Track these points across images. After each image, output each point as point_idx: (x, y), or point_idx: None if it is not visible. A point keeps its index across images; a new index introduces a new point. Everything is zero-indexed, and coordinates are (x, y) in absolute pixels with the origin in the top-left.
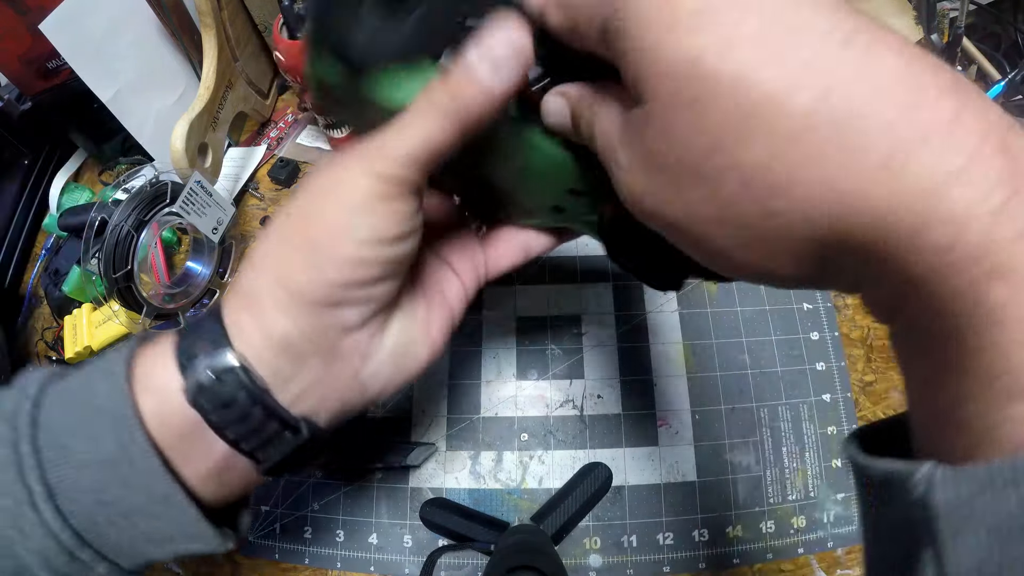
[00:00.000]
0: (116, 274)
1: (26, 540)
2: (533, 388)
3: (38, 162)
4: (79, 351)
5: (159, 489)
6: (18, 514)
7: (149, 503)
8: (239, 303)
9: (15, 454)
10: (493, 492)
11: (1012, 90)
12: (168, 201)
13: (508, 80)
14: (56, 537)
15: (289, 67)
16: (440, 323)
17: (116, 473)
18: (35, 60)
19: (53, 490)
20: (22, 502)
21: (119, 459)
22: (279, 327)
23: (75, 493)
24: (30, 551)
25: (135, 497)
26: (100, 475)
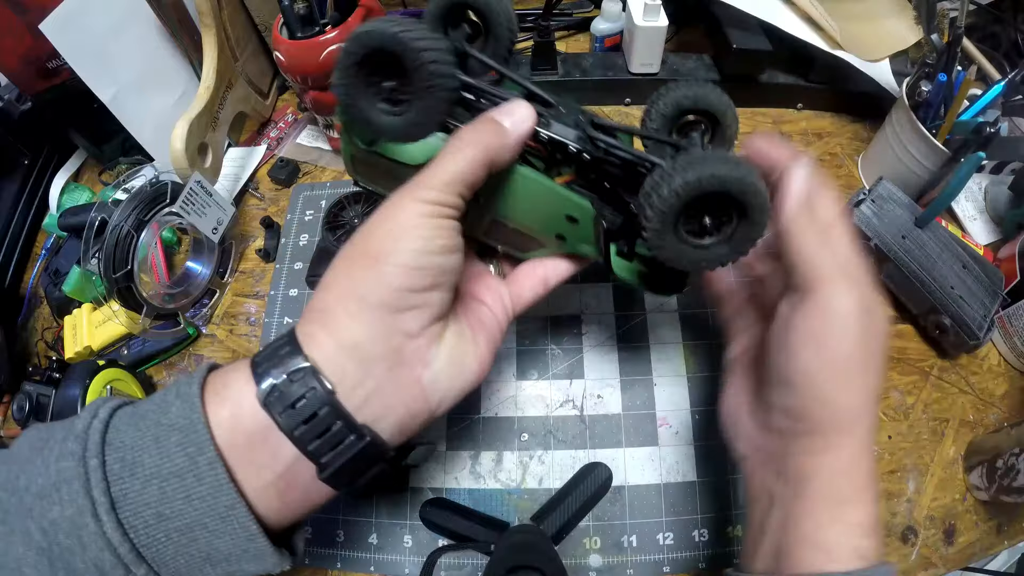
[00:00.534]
0: (116, 274)
1: (85, 551)
2: (533, 388)
3: (38, 162)
4: (79, 351)
5: (222, 501)
6: (80, 524)
7: (210, 517)
8: (312, 318)
9: (83, 467)
10: (493, 492)
11: (1012, 90)
12: (168, 201)
13: (522, 130)
14: (115, 550)
15: (289, 67)
16: (485, 341)
17: (181, 485)
18: (35, 60)
19: (116, 502)
20: (85, 512)
21: (186, 471)
22: (349, 333)
23: (138, 506)
24: (87, 563)
25: (197, 511)
26: (165, 488)
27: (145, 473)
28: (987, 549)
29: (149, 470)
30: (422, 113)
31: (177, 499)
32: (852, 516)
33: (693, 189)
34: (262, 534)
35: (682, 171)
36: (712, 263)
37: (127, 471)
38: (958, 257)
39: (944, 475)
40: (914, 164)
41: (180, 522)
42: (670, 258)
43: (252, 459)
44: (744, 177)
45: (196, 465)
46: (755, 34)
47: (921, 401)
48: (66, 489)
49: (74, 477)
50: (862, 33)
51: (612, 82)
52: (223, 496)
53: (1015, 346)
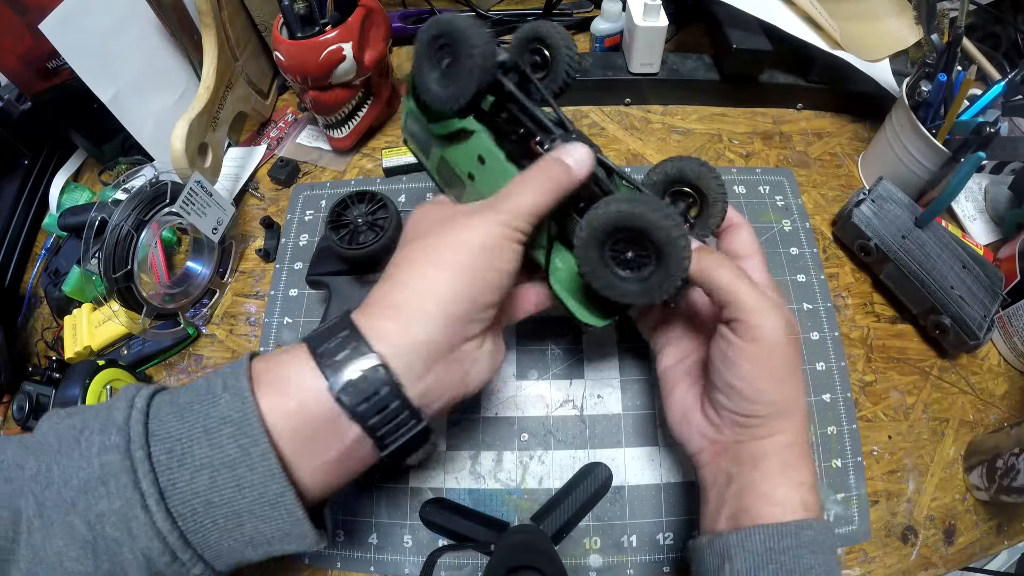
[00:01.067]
0: (116, 274)
1: (133, 541)
2: (533, 388)
3: (38, 162)
4: (79, 351)
5: (273, 489)
6: (130, 516)
7: (259, 504)
8: (382, 313)
9: (129, 460)
10: (493, 492)
11: (1012, 90)
12: (168, 201)
13: (585, 171)
14: (164, 538)
15: (289, 67)
16: (502, 335)
17: (232, 475)
18: (35, 60)
19: (165, 492)
20: (134, 504)
21: (238, 462)
22: (425, 333)
23: (187, 495)
24: (135, 552)
25: (247, 499)
26: (216, 477)
27: (195, 464)
28: (987, 549)
29: (199, 460)
30: (458, 89)
31: (228, 488)
32: (797, 477)
33: (616, 216)
34: (307, 519)
35: (617, 201)
36: (624, 295)
37: (175, 462)
38: (958, 257)
39: (944, 475)
40: (914, 164)
41: (229, 509)
42: (588, 273)
43: (315, 443)
44: (660, 222)
45: (249, 456)
46: (755, 34)
47: (921, 401)
48: (113, 483)
49: (121, 471)
50: (862, 33)
51: (612, 82)
52: (274, 485)
53: (1015, 346)
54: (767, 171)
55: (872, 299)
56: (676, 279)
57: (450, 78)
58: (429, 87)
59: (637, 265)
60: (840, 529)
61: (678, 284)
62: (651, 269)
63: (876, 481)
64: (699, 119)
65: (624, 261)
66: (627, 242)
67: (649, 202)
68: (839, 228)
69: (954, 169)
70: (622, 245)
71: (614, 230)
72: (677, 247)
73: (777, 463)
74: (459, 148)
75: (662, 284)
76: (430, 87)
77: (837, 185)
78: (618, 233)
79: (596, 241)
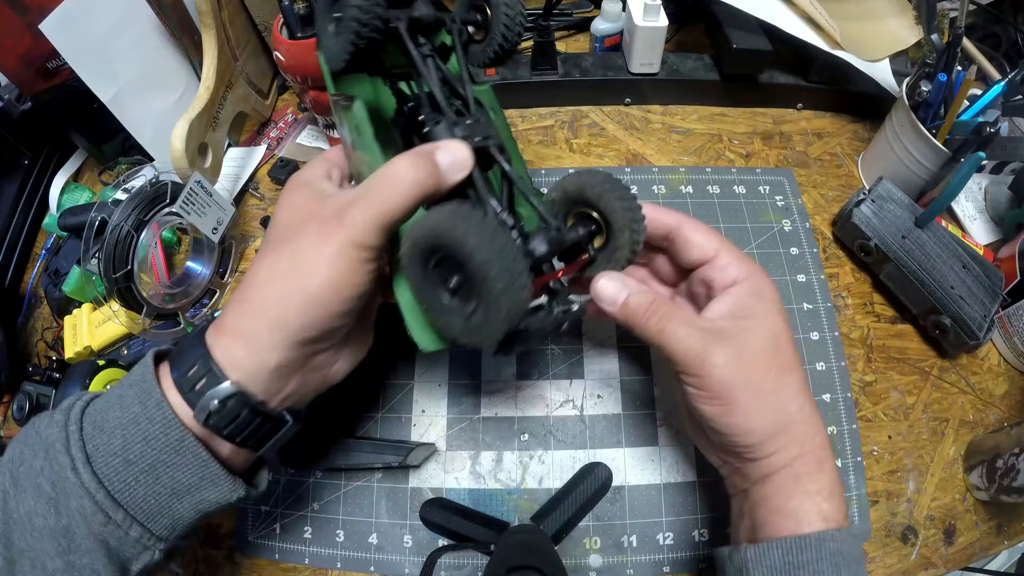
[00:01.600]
0: (116, 274)
1: (69, 500)
2: (533, 388)
3: (38, 162)
4: (79, 351)
5: (173, 435)
6: (63, 477)
7: (167, 453)
8: (234, 341)
9: (64, 432)
10: (493, 492)
11: (1012, 90)
12: (168, 201)
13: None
14: (93, 497)
15: (289, 67)
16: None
17: (138, 430)
18: (35, 60)
19: (91, 457)
20: (66, 467)
21: (141, 416)
22: (275, 358)
23: (108, 456)
24: (72, 511)
25: (154, 450)
26: (127, 435)
27: (111, 427)
28: (987, 549)
29: (114, 424)
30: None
31: (137, 443)
32: (813, 486)
33: (432, 232)
34: (213, 459)
35: (441, 212)
36: (447, 328)
37: (97, 429)
38: (958, 257)
39: (944, 475)
40: (914, 164)
41: (144, 463)
42: (414, 289)
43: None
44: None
45: (147, 408)
46: (755, 34)
47: (921, 401)
48: (52, 451)
49: (57, 440)
50: (862, 33)
51: (612, 82)
52: (173, 431)
53: (1015, 346)
54: (767, 171)
55: (872, 299)
56: (498, 327)
57: (339, 28)
58: (323, 37)
59: (464, 296)
60: None
61: (501, 333)
62: (474, 305)
63: (876, 481)
64: (699, 119)
65: (450, 286)
66: (452, 266)
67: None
68: (839, 228)
69: (954, 169)
70: (446, 267)
71: (433, 248)
72: (491, 285)
73: (786, 476)
74: (347, 113)
75: (482, 329)
76: (323, 36)
77: (837, 185)
78: (439, 253)
79: (419, 256)
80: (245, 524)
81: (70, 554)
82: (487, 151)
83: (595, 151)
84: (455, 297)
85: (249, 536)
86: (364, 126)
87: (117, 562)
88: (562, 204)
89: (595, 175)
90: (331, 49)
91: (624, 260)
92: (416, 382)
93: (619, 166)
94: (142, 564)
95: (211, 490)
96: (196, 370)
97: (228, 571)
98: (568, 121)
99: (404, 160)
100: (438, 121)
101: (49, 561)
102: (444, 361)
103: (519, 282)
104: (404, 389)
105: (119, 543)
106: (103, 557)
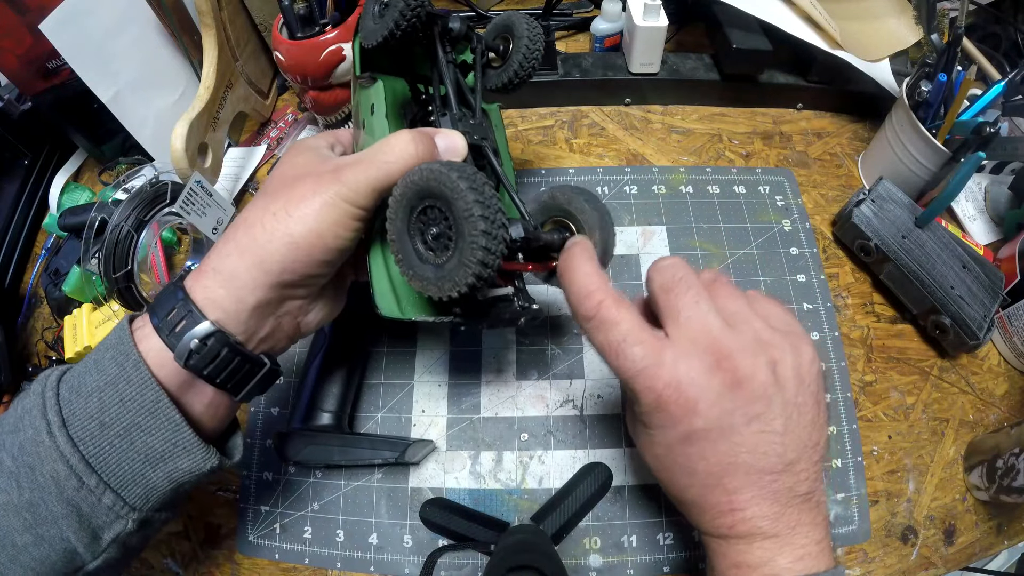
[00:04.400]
0: (116, 274)
1: (42, 465)
2: (533, 388)
3: (38, 162)
4: (79, 351)
5: (149, 396)
6: (37, 442)
7: (142, 416)
8: (216, 279)
9: (40, 398)
10: (493, 492)
11: (1012, 90)
12: (168, 201)
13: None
14: (67, 461)
15: (289, 67)
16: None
17: (115, 392)
18: (35, 60)
19: (67, 421)
20: (41, 431)
21: (118, 378)
22: (255, 298)
23: (84, 420)
24: (45, 476)
25: (130, 412)
26: (103, 398)
27: (87, 391)
28: (987, 549)
29: (91, 387)
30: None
31: (113, 405)
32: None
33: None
34: (186, 424)
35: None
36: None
37: (74, 394)
38: (958, 257)
39: (944, 475)
40: (914, 164)
41: (119, 427)
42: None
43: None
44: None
45: (124, 370)
46: (755, 34)
47: (921, 401)
48: (27, 418)
49: (33, 407)
50: (862, 33)
51: (612, 82)
52: (149, 391)
53: (1015, 346)
54: (767, 171)
55: (872, 299)
56: (468, 271)
57: (384, 11)
58: (364, 18)
59: (440, 247)
60: (840, 529)
61: (471, 281)
62: (448, 254)
63: (876, 481)
64: (699, 119)
65: (429, 237)
66: (436, 216)
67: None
68: (839, 228)
69: (954, 169)
70: (430, 215)
71: (424, 194)
72: (472, 224)
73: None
74: (365, 91)
75: (454, 276)
76: (365, 18)
77: (837, 185)
78: (427, 200)
79: (407, 202)
80: (245, 524)
81: (37, 527)
82: (482, 149)
83: (595, 151)
84: (432, 248)
85: (249, 536)
86: (380, 104)
87: (88, 529)
88: (540, 213)
89: (576, 189)
90: (370, 28)
91: None
92: (416, 382)
93: (619, 166)
94: (114, 533)
95: (184, 458)
96: (175, 313)
97: (228, 571)
98: (568, 121)
99: (406, 133)
100: (444, 114)
101: (18, 537)
102: (444, 361)
103: (498, 230)
104: (404, 389)
105: (91, 509)
106: (74, 523)
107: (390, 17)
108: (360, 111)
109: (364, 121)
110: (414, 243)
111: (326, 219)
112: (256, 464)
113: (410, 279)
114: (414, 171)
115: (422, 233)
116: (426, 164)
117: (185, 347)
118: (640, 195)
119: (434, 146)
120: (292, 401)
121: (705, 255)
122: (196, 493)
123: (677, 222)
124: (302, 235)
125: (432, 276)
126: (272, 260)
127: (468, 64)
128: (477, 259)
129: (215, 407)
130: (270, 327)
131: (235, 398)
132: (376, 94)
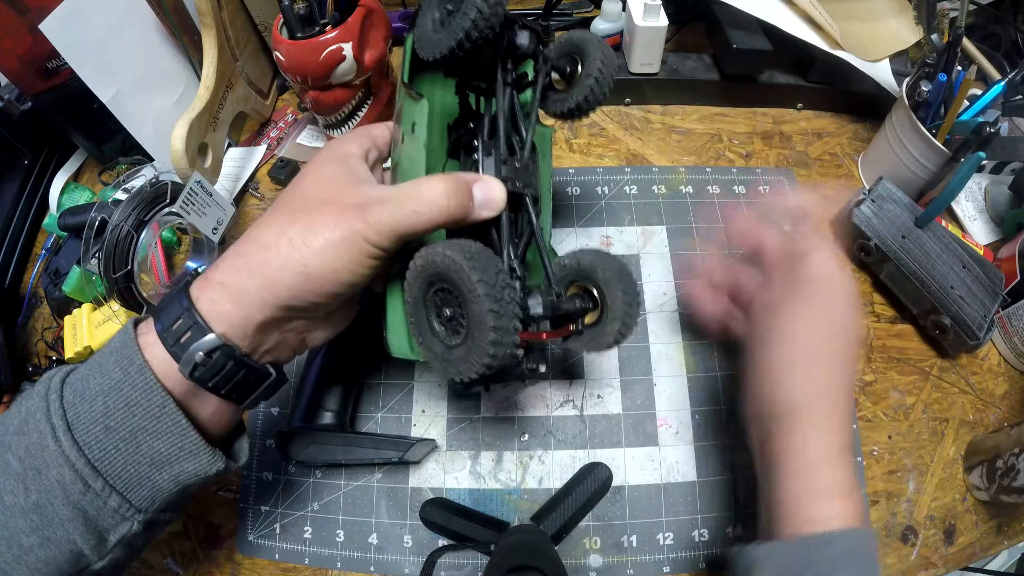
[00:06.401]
0: (116, 274)
1: (48, 469)
2: (533, 388)
3: (38, 162)
4: (79, 351)
5: (155, 401)
6: (43, 446)
7: (148, 419)
8: (224, 293)
9: (45, 401)
10: (493, 492)
11: (1012, 90)
12: (168, 201)
13: (486, 215)
14: (72, 465)
15: (289, 67)
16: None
17: (120, 396)
18: (35, 60)
19: (72, 425)
20: (46, 435)
21: (123, 382)
22: (261, 316)
23: (89, 424)
24: (51, 480)
25: (136, 416)
26: (108, 402)
27: (92, 394)
28: (987, 549)
29: (95, 390)
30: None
31: (119, 410)
32: (820, 482)
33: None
34: (192, 428)
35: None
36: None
37: (78, 397)
38: (958, 257)
39: (944, 475)
40: (914, 164)
41: (125, 431)
42: (408, 305)
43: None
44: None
45: (129, 375)
46: (755, 34)
47: (921, 401)
48: (32, 421)
49: (38, 410)
50: (862, 33)
51: None
52: (155, 396)
53: (1015, 346)
54: (767, 171)
55: (872, 299)
56: (474, 369)
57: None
58: (422, 23)
59: (452, 329)
60: None
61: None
62: (459, 341)
63: (876, 481)
64: (699, 119)
65: (444, 316)
66: (451, 300)
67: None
68: (839, 228)
69: (954, 169)
70: (445, 298)
71: (441, 278)
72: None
73: (792, 467)
74: (409, 103)
75: (459, 365)
76: (423, 23)
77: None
78: (443, 283)
79: (424, 280)
80: (245, 524)
81: (44, 529)
82: (522, 199)
83: (595, 151)
84: (444, 326)
85: (249, 536)
86: (421, 129)
87: (94, 531)
88: (571, 272)
89: (613, 261)
90: (430, 38)
91: (605, 345)
92: (416, 382)
93: (619, 166)
94: (120, 535)
95: (190, 461)
96: (181, 323)
97: (228, 571)
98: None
99: (441, 184)
100: (489, 152)
101: (24, 538)
102: None
103: (509, 340)
104: (404, 389)
105: (97, 512)
106: (80, 526)
107: (459, 27)
108: (402, 119)
109: (404, 136)
110: (428, 317)
111: (343, 256)
112: (256, 464)
113: (420, 346)
114: (435, 252)
115: (437, 309)
116: (448, 249)
117: (190, 359)
118: (640, 195)
119: (470, 199)
120: (293, 400)
121: (705, 255)
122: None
123: (677, 222)
124: (316, 268)
125: (440, 353)
126: (282, 286)
127: (528, 80)
128: (484, 362)
129: (220, 414)
130: (275, 341)
131: (240, 406)
132: (420, 113)
